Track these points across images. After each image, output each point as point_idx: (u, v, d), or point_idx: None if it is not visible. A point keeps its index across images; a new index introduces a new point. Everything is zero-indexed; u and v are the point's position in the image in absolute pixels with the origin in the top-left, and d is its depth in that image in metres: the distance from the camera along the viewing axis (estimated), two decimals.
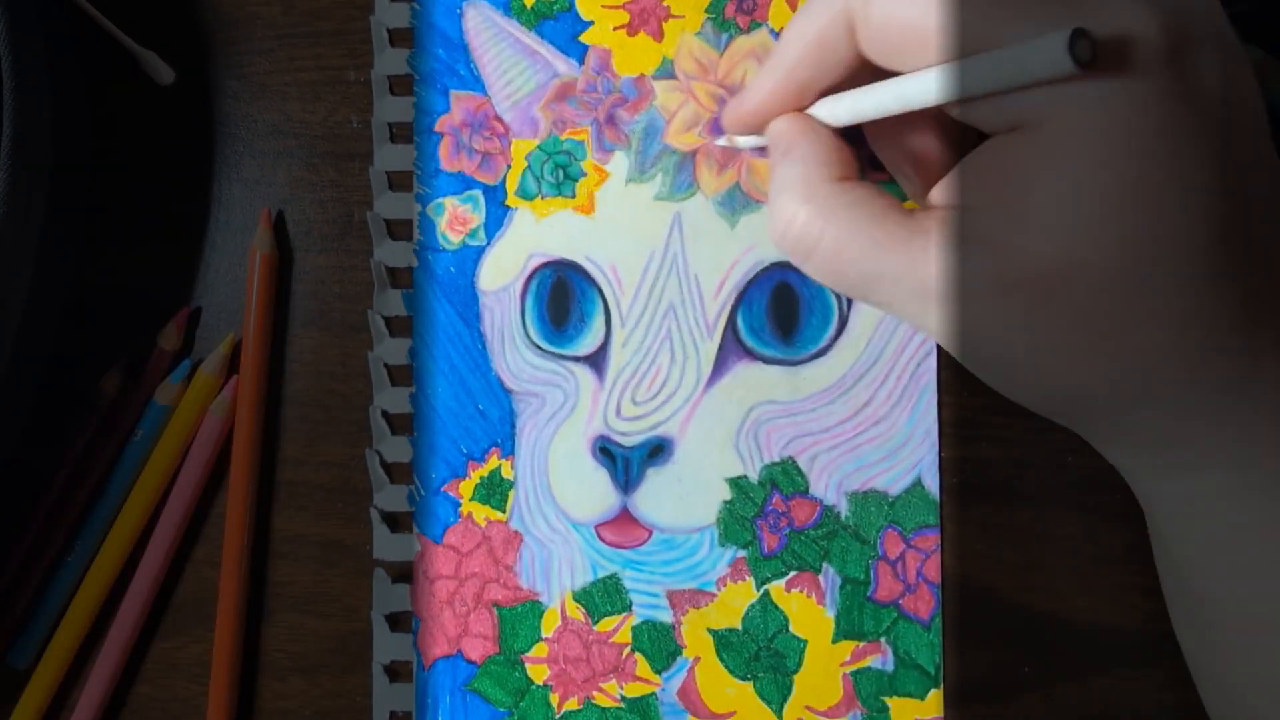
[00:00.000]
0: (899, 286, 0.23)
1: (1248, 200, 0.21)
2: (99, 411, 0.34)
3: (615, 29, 0.34)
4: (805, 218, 0.24)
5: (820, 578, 0.33)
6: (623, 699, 0.33)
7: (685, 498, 0.33)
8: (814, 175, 0.24)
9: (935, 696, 0.33)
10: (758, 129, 0.27)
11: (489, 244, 0.34)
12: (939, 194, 0.24)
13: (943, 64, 0.22)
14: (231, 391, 0.34)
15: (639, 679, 0.33)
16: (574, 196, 0.34)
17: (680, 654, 0.33)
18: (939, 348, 0.33)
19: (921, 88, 0.22)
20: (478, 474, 0.34)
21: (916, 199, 0.27)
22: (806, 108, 0.26)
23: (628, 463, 0.34)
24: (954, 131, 0.26)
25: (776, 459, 0.33)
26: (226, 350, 0.34)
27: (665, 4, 0.34)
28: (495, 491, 0.34)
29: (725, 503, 0.33)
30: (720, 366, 0.33)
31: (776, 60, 0.25)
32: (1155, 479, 0.25)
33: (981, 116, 0.23)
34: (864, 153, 0.27)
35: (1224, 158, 0.21)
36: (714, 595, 0.33)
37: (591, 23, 0.34)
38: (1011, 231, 0.21)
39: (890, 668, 0.33)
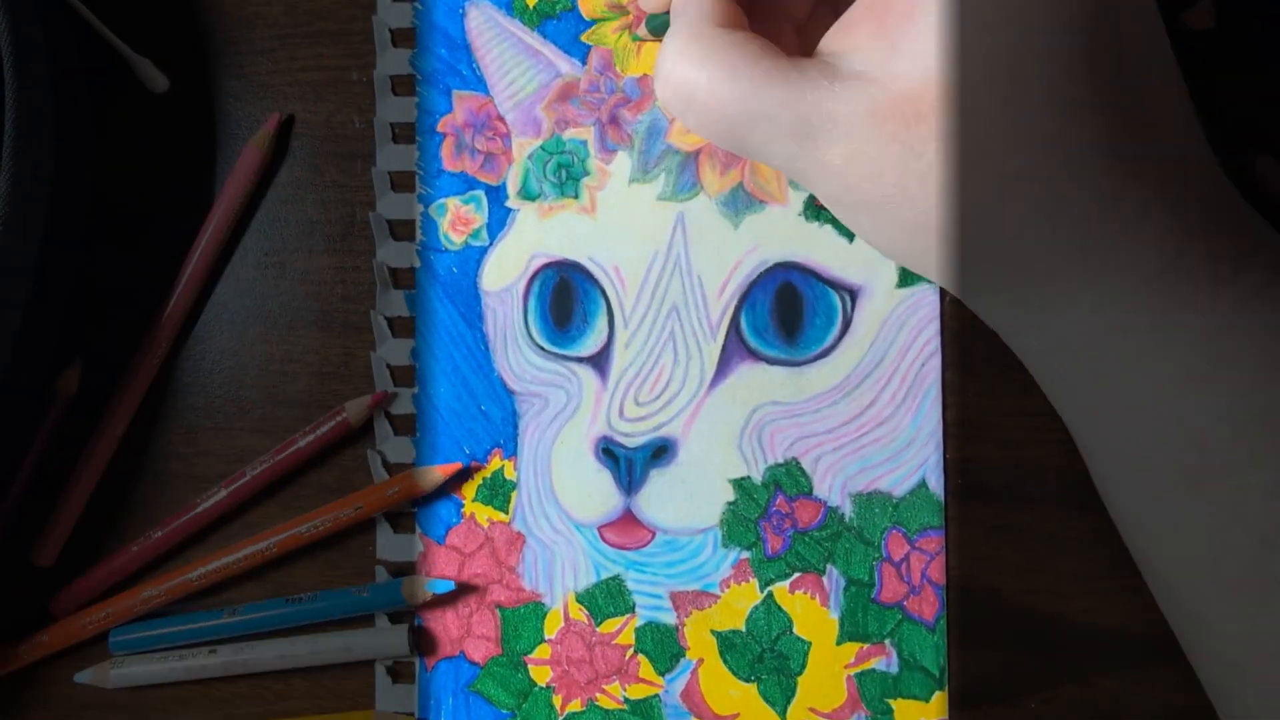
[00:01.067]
0: (775, 124, 0.23)
1: (1120, 33, 0.21)
2: (57, 410, 0.34)
3: (618, 28, 0.34)
4: (684, 65, 0.24)
5: (824, 579, 0.33)
6: (626, 701, 0.33)
7: (689, 499, 0.33)
8: (696, 26, 0.24)
9: (940, 698, 0.33)
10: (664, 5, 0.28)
11: (491, 244, 0.34)
12: (829, 43, 0.24)
13: None
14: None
15: (642, 681, 0.33)
16: (577, 197, 0.34)
17: (683, 656, 0.33)
18: (943, 348, 0.33)
19: None
20: (480, 475, 0.34)
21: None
22: None
23: (631, 464, 0.33)
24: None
25: (780, 460, 0.33)
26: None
27: None
28: (498, 492, 0.34)
29: (729, 504, 0.33)
30: (723, 367, 0.33)
31: None
32: (1025, 330, 0.25)
33: None
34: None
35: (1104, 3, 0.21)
36: (717, 597, 0.33)
37: (594, 22, 0.34)
38: (884, 63, 0.22)
39: (894, 670, 0.33)
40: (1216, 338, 0.22)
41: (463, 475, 0.34)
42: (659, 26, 0.29)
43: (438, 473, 0.33)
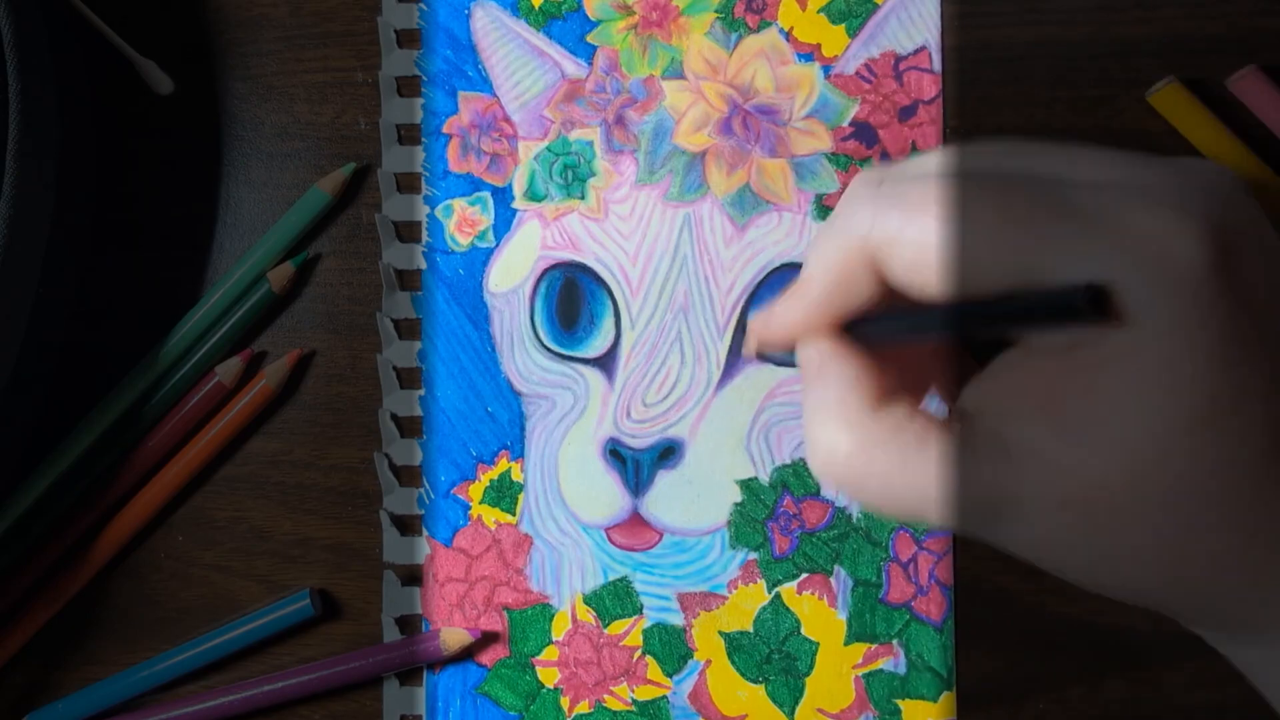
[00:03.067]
0: (956, 506, 0.22)
1: None
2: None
3: (624, 29, 0.34)
4: (847, 450, 0.23)
5: (832, 580, 0.33)
6: (634, 702, 0.33)
7: (696, 500, 0.33)
8: (850, 400, 0.23)
9: (947, 699, 0.33)
10: (787, 349, 0.27)
11: (498, 246, 0.34)
12: (968, 399, 0.24)
13: (967, 301, 0.21)
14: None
15: (650, 682, 0.33)
16: (583, 197, 0.34)
17: (691, 657, 0.33)
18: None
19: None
20: (487, 477, 0.34)
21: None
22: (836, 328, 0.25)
23: (638, 465, 0.33)
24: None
25: (788, 460, 0.33)
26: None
27: (674, 4, 0.34)
28: (505, 494, 0.34)
29: (736, 505, 0.33)
30: (731, 368, 0.33)
31: (801, 292, 0.25)
32: (1243, 652, 0.25)
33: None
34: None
35: (1275, 361, 0.21)
36: (725, 598, 0.33)
37: (600, 23, 0.34)
38: (1065, 445, 0.21)
39: (902, 670, 0.33)
40: None
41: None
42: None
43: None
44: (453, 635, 0.33)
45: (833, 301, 0.24)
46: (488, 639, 0.34)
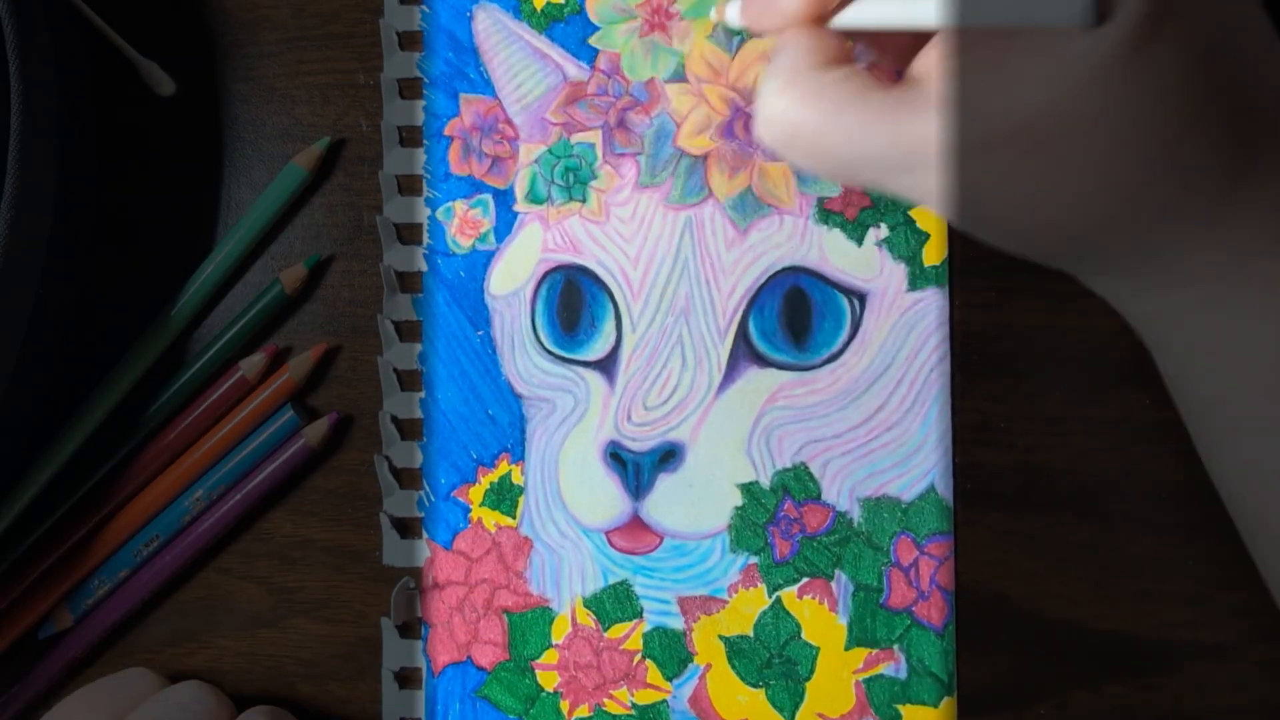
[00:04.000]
0: (885, 161, 0.23)
1: (1236, 49, 0.22)
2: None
3: (626, 32, 0.34)
4: (785, 104, 0.24)
5: (832, 584, 0.33)
6: (634, 706, 0.33)
7: (696, 504, 0.33)
8: (799, 63, 0.24)
9: (948, 704, 0.32)
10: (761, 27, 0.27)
11: (499, 248, 0.34)
12: (917, 66, 0.24)
13: None
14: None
15: (650, 686, 0.33)
16: (585, 200, 0.34)
17: (691, 661, 0.33)
18: (952, 353, 0.33)
19: (925, 12, 0.22)
20: (488, 479, 0.34)
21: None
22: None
23: (638, 468, 0.33)
24: None
25: (788, 465, 0.33)
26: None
27: (676, 7, 0.34)
28: (505, 497, 0.34)
29: (737, 509, 0.33)
30: (732, 371, 0.33)
31: None
32: (1143, 301, 0.26)
33: None
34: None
35: (1211, 10, 0.21)
36: (725, 602, 0.33)
37: (601, 26, 0.34)
38: (995, 90, 0.22)
39: (903, 675, 0.33)
40: None
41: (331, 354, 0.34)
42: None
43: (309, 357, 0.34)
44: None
45: None
46: (344, 424, 0.34)
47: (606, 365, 0.34)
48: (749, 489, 0.33)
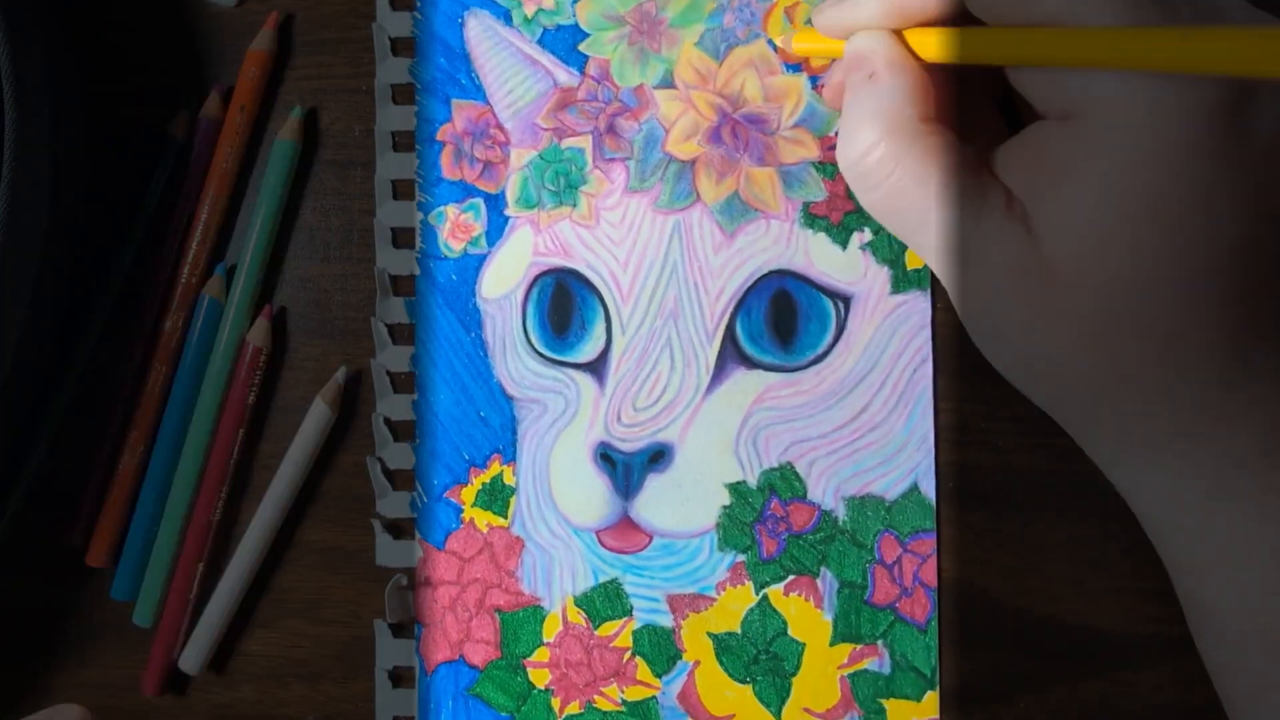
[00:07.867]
0: (940, 238, 0.24)
1: (1263, 242, 0.22)
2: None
3: (615, 39, 0.34)
4: (882, 153, 0.24)
5: (818, 581, 0.34)
6: (623, 703, 0.34)
7: (685, 503, 0.34)
8: (900, 109, 0.24)
9: (931, 699, 0.33)
10: (842, 35, 0.27)
11: (490, 252, 0.35)
12: (1000, 161, 0.25)
13: (1035, 27, 0.22)
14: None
15: (639, 683, 0.34)
16: (575, 205, 0.34)
17: (680, 658, 0.34)
18: (935, 355, 0.33)
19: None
20: (480, 480, 0.34)
21: None
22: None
23: (628, 469, 0.34)
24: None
25: (775, 464, 0.34)
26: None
27: (665, 14, 0.34)
28: (497, 498, 0.34)
29: (725, 508, 0.34)
30: (720, 373, 0.34)
31: None
32: (1120, 476, 0.26)
33: (1038, 93, 0.23)
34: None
35: (1256, 199, 0.21)
36: (713, 599, 0.34)
37: (591, 33, 0.34)
38: (1039, 218, 0.22)
39: (887, 670, 0.33)
40: None
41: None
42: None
43: None
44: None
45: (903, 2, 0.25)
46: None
47: (597, 367, 0.34)
48: (736, 488, 0.34)
